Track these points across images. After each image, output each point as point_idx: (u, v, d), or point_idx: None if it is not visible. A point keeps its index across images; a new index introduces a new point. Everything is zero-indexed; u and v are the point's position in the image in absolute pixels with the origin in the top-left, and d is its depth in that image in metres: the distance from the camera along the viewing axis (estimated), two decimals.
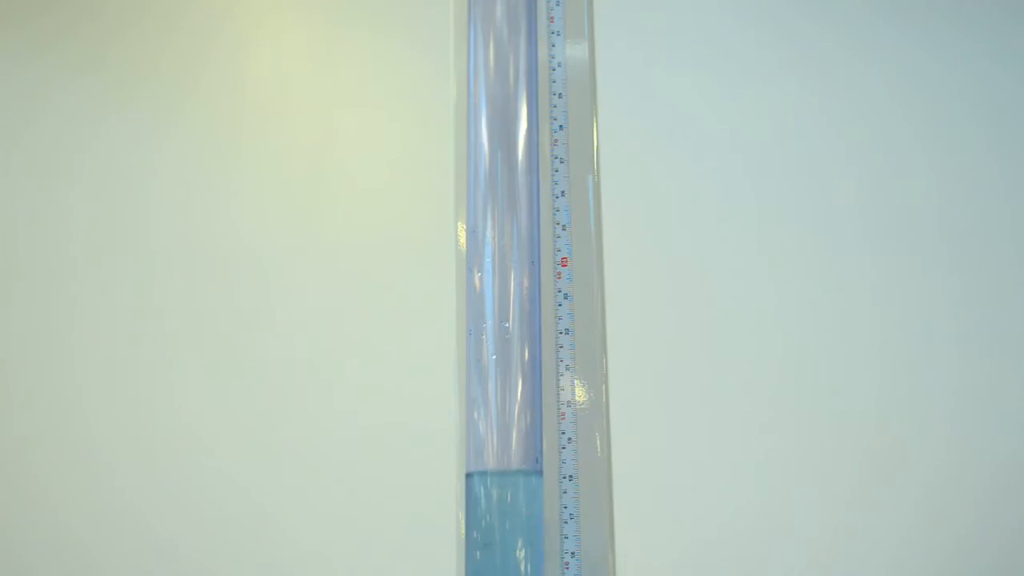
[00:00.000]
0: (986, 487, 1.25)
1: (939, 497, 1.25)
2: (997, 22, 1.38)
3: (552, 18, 0.61)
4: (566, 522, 0.55)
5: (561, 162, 0.59)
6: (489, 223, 0.55)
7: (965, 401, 1.28)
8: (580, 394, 0.56)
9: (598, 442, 0.56)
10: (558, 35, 0.61)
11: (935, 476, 1.25)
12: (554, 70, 0.60)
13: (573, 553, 0.54)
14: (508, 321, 0.54)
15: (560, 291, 0.57)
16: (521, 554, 0.52)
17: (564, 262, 0.58)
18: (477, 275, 0.55)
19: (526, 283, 0.54)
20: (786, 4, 1.40)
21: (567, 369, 0.57)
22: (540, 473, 0.54)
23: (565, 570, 0.54)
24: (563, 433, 0.56)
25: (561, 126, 0.59)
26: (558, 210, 0.58)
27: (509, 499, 0.52)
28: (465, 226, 0.57)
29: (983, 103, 1.38)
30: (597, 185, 0.59)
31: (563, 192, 0.59)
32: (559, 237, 0.58)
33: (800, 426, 1.27)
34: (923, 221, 1.33)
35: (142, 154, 1.40)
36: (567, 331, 0.57)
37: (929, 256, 1.31)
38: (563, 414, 0.56)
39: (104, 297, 1.35)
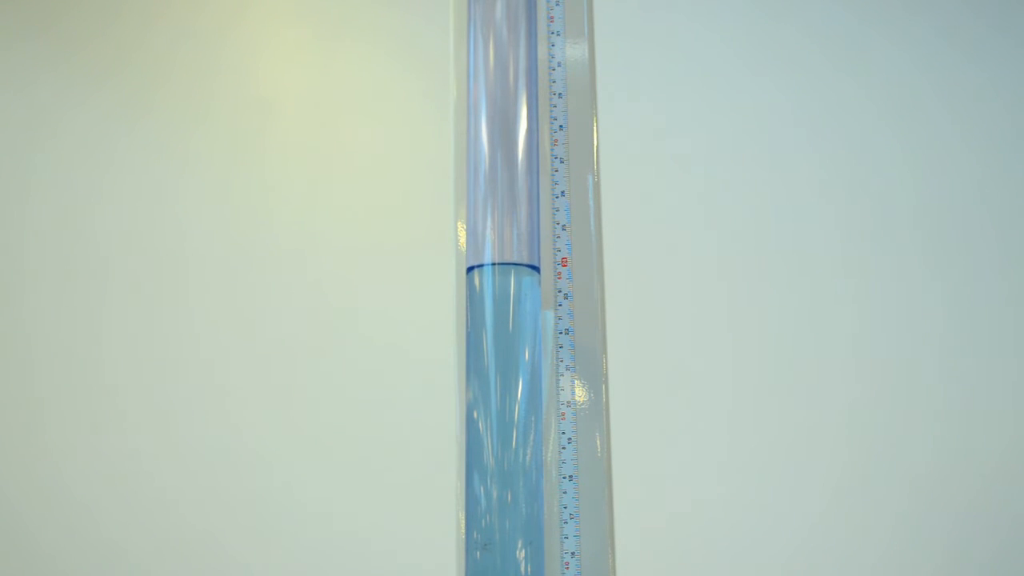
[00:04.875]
0: (971, 481, 1.25)
1: (929, 494, 1.25)
2: (973, 26, 1.38)
3: (552, 18, 0.61)
4: (566, 522, 0.55)
5: (561, 162, 0.59)
6: (489, 223, 0.55)
7: (948, 401, 1.28)
8: (580, 394, 0.56)
9: (598, 442, 0.56)
10: (558, 35, 0.61)
11: (926, 473, 1.25)
12: (554, 70, 0.60)
13: (573, 553, 0.54)
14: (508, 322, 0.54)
15: (560, 291, 0.57)
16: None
17: (564, 262, 0.58)
18: (477, 275, 0.54)
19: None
20: (785, 7, 1.40)
21: (567, 369, 0.57)
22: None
23: (565, 570, 0.54)
24: (563, 433, 0.56)
25: (561, 126, 0.59)
26: (558, 210, 0.58)
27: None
28: (465, 226, 0.57)
29: (969, 109, 1.37)
30: (597, 185, 0.59)
31: (563, 192, 0.59)
32: (559, 237, 0.58)
33: (801, 426, 1.27)
34: (918, 223, 1.33)
35: (152, 158, 1.40)
36: (567, 331, 0.57)
37: (923, 259, 1.31)
38: (563, 414, 0.56)
39: (117, 291, 1.35)
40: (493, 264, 0.54)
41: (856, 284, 1.31)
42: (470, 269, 0.55)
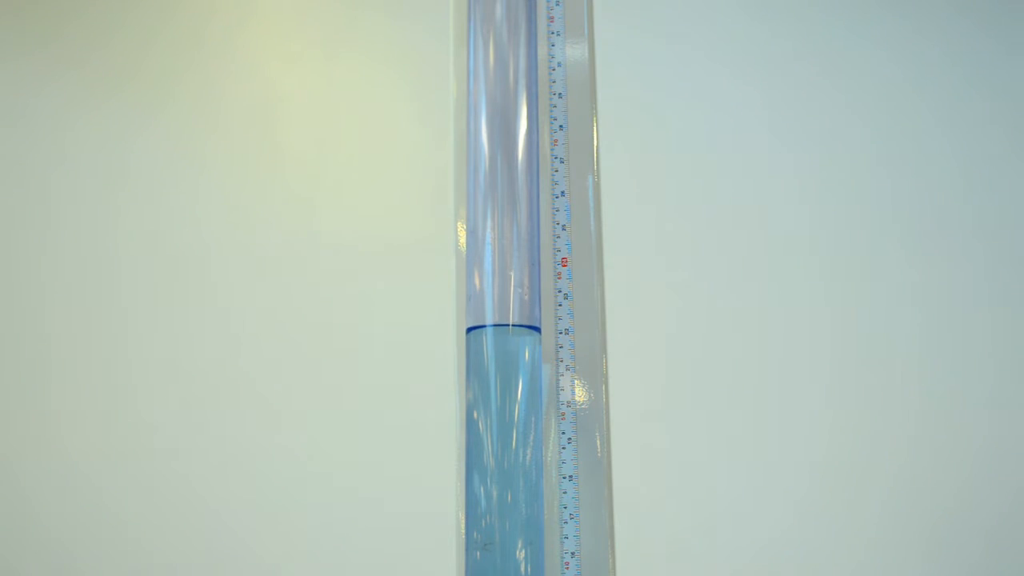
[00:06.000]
0: (954, 479, 1.25)
1: (918, 494, 1.25)
2: (962, 28, 1.39)
3: (552, 18, 0.61)
4: (566, 522, 0.55)
5: (561, 162, 0.59)
6: (489, 223, 0.55)
7: (930, 401, 1.28)
8: (580, 394, 0.56)
9: (598, 442, 0.56)
10: (558, 35, 0.61)
11: (920, 472, 1.25)
12: (554, 70, 0.60)
13: (573, 553, 0.54)
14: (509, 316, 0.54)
15: (560, 291, 0.57)
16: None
17: (564, 262, 0.58)
18: (477, 275, 0.54)
19: (526, 283, 0.54)
20: (784, 10, 1.40)
21: (567, 369, 0.57)
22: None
23: (565, 570, 0.54)
24: (563, 433, 0.56)
25: (561, 126, 0.59)
26: (558, 210, 0.58)
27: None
28: (465, 226, 0.57)
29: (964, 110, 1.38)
30: (597, 185, 0.59)
31: (563, 192, 0.59)
32: (559, 237, 0.58)
33: (800, 426, 1.27)
34: (907, 227, 1.33)
35: (159, 163, 1.41)
36: (567, 331, 0.57)
37: (909, 261, 1.31)
38: (563, 414, 0.56)
39: (129, 291, 1.35)
40: (494, 325, 0.53)
41: (857, 284, 1.31)
42: (470, 330, 0.54)
